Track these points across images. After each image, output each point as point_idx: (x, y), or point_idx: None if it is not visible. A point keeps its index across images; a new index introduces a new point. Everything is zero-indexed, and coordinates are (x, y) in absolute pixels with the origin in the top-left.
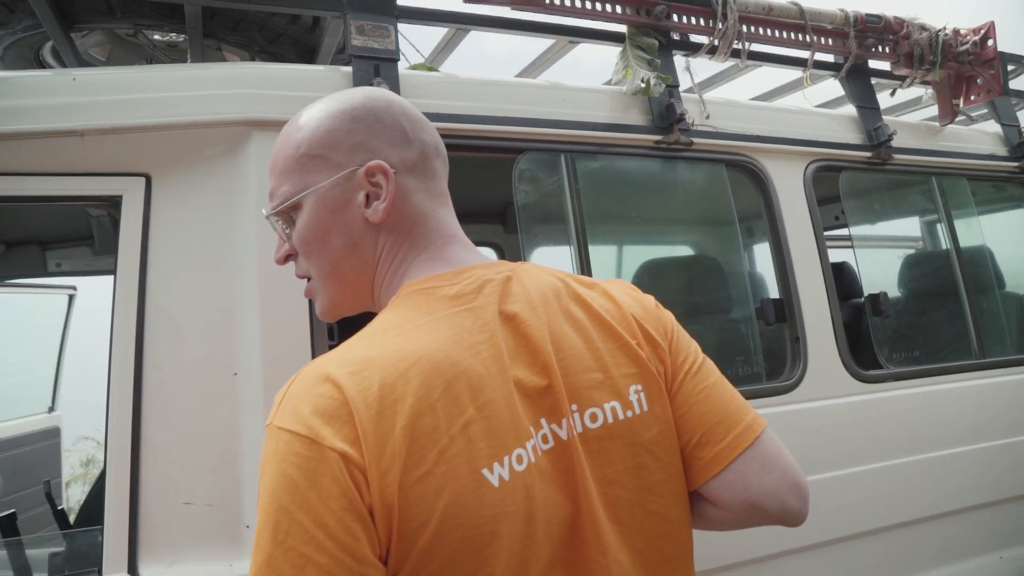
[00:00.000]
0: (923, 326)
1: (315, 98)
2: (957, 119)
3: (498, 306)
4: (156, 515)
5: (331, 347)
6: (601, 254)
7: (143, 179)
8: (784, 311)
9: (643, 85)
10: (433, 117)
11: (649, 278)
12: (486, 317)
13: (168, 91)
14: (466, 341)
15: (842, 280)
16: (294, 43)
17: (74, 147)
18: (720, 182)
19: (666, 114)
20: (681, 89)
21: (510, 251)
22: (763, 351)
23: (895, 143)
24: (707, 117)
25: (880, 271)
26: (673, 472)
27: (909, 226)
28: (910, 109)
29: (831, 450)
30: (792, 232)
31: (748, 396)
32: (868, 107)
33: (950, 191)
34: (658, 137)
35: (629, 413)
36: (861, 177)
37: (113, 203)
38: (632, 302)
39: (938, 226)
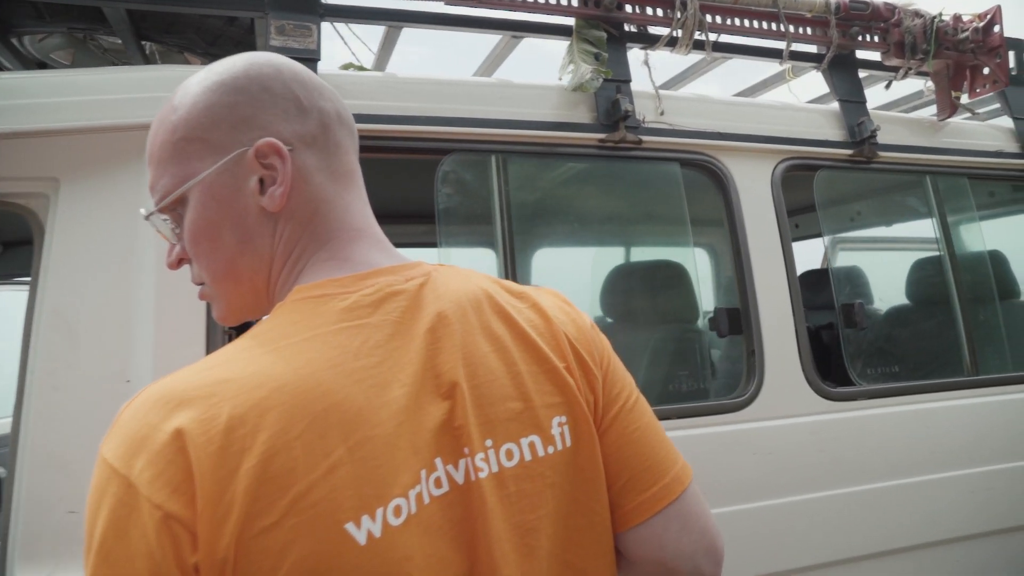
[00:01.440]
0: (907, 339)
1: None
2: (963, 114)
3: (401, 322)
4: (39, 524)
5: None
6: (531, 264)
7: (52, 182)
8: (741, 321)
9: (583, 80)
10: (355, 119)
11: (588, 287)
12: (379, 337)
13: (77, 95)
14: (348, 365)
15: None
16: (235, 44)
17: None
18: (673, 183)
19: (612, 111)
20: (639, 84)
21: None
22: (717, 365)
23: (882, 139)
24: (661, 113)
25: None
26: (598, 519)
27: (909, 229)
28: (913, 103)
29: (787, 474)
30: (754, 236)
31: (693, 413)
32: (852, 101)
33: (947, 192)
34: (602, 136)
35: (550, 449)
36: (840, 177)
37: (22, 208)
38: (566, 319)
39: (936, 229)
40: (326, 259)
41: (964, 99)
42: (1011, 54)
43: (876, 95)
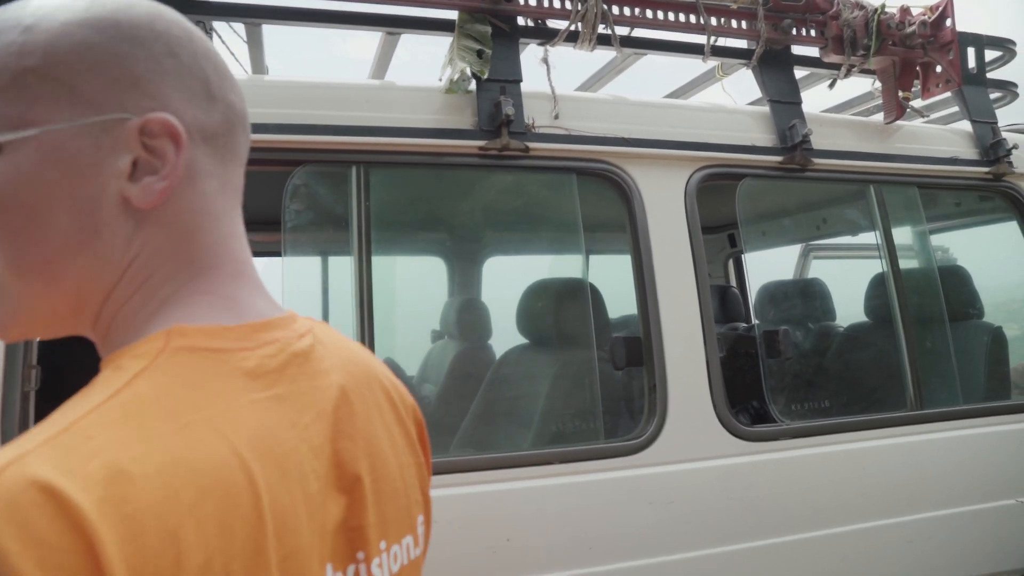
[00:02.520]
0: (842, 369)
1: None
2: (914, 117)
3: (305, 394)
4: None
5: (27, 394)
6: (392, 290)
7: None
8: (641, 352)
9: (451, 80)
10: None
11: (457, 315)
12: (292, 416)
13: None
14: (273, 453)
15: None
16: None
17: None
18: (567, 195)
19: (494, 115)
20: (538, 86)
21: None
22: (613, 402)
23: (819, 144)
24: (556, 117)
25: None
26: None
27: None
28: (868, 106)
29: (690, 525)
30: (662, 255)
31: (580, 457)
32: (784, 102)
33: (893, 203)
34: (483, 143)
35: (416, 552)
36: (768, 187)
37: None
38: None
39: (880, 244)
40: (205, 294)
41: (918, 101)
42: (971, 51)
43: (828, 98)
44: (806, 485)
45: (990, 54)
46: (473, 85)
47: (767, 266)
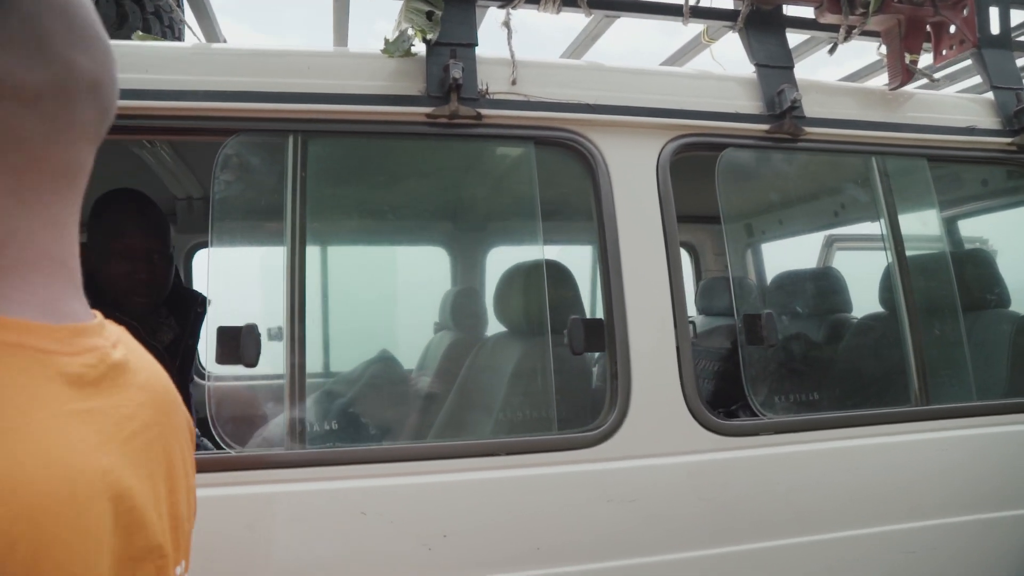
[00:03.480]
0: (836, 361)
1: None
2: (920, 81)
3: (119, 408)
4: None
5: None
6: (329, 271)
7: None
8: (603, 336)
9: (403, 43)
10: (129, 94)
11: (451, 306)
12: (110, 431)
13: None
14: (92, 468)
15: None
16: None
17: None
18: (523, 165)
19: (443, 79)
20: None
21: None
22: (566, 390)
23: (813, 112)
24: (513, 83)
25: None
26: None
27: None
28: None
29: (654, 527)
30: (629, 231)
31: (530, 448)
32: (773, 66)
33: (899, 177)
34: (430, 109)
35: None
36: (753, 159)
37: None
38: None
39: (882, 223)
40: (17, 289)
41: (928, 65)
42: (994, 11)
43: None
44: (788, 486)
45: (1018, 15)
46: (419, 49)
47: (789, 256)
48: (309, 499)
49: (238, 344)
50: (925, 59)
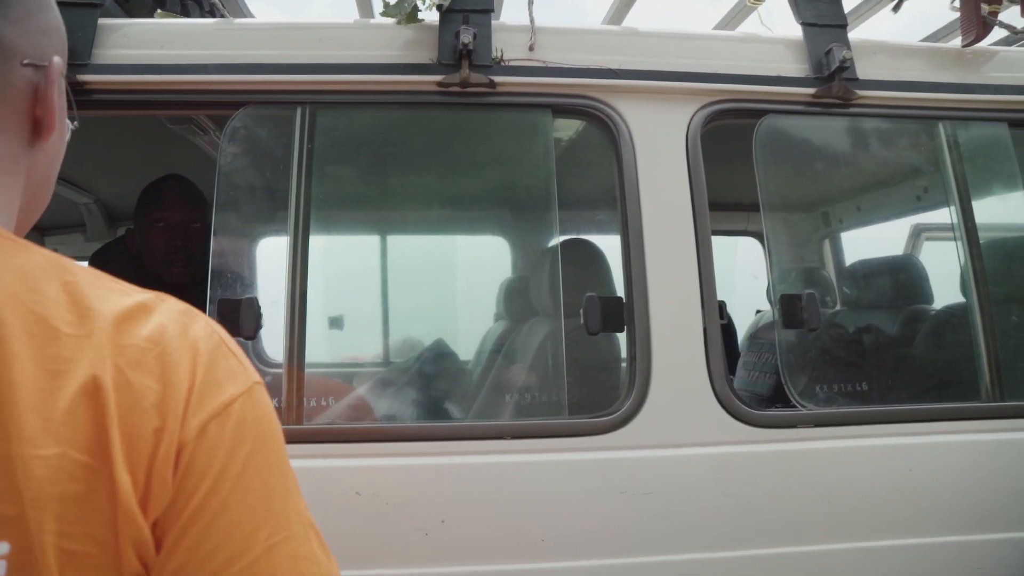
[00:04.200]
0: (891, 348)
1: None
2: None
3: None
4: None
5: None
6: (330, 241)
7: None
8: (623, 315)
9: (406, 6)
10: (138, 69)
11: (504, 296)
12: None
13: None
14: None
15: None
16: None
17: None
18: (539, 134)
19: (454, 46)
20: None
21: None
22: (581, 373)
23: (869, 74)
24: (531, 49)
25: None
26: None
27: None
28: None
29: (671, 523)
30: (653, 204)
31: (536, 433)
32: (821, 24)
33: (971, 145)
34: (440, 78)
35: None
36: (797, 127)
37: None
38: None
39: (952, 198)
40: None
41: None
42: None
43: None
44: (828, 485)
45: None
46: (429, 16)
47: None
48: (302, 475)
49: (237, 316)
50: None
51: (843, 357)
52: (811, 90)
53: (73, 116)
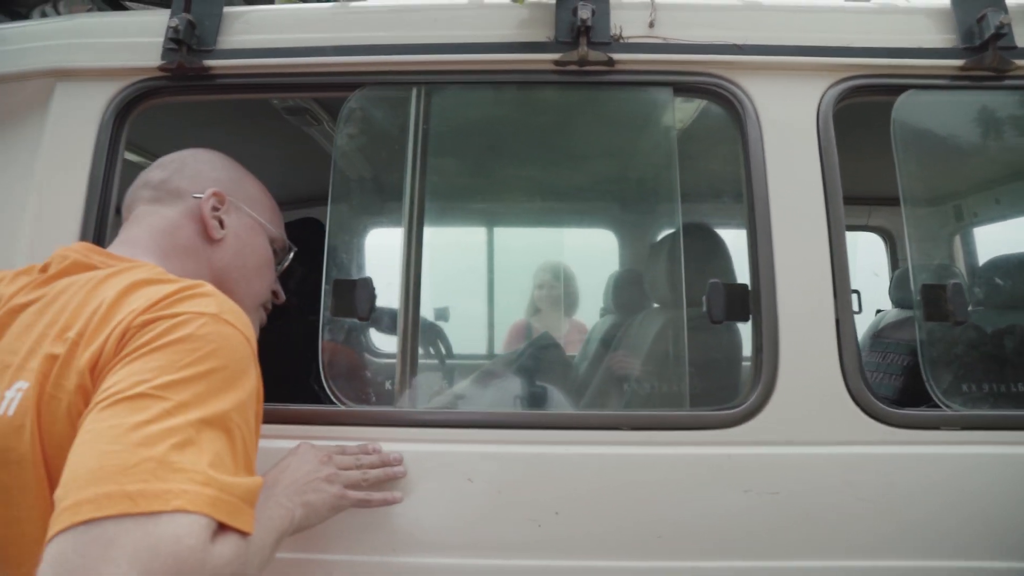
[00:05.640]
0: None
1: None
2: None
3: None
4: None
5: None
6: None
7: None
8: (748, 303)
9: None
10: (259, 53)
11: (613, 289)
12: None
13: None
14: None
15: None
16: None
17: None
18: (660, 114)
19: (571, 23)
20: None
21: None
22: (704, 363)
23: None
24: (651, 26)
25: None
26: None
27: None
28: None
29: (798, 527)
30: (782, 187)
31: (658, 426)
32: None
33: None
34: (557, 56)
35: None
36: (943, 103)
37: None
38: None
39: None
40: None
41: None
42: None
43: None
44: (977, 495)
45: None
46: None
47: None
48: (414, 459)
49: (352, 296)
50: None
51: (994, 355)
52: (959, 62)
53: (280, 260)
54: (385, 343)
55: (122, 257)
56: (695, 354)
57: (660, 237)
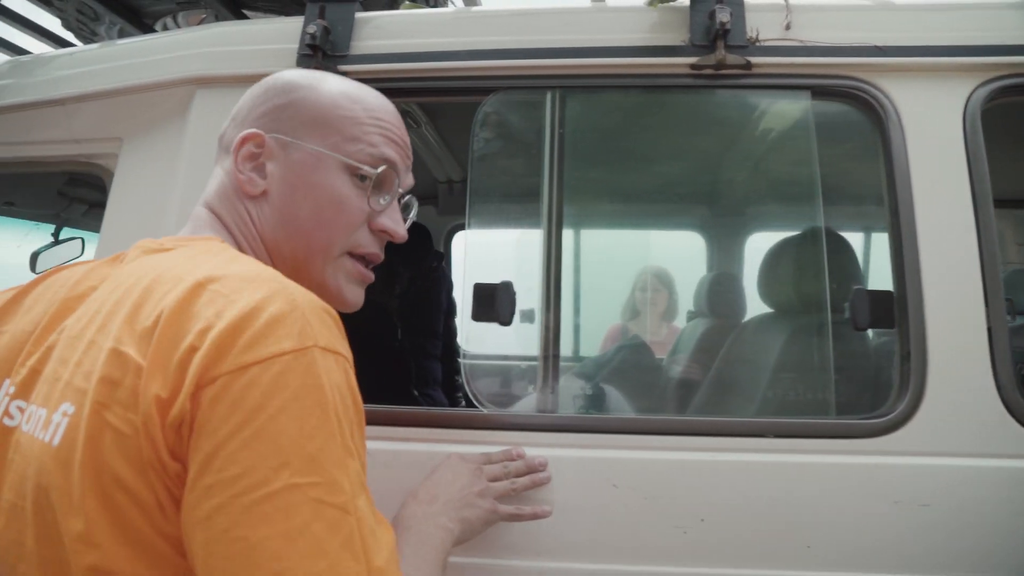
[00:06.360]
0: None
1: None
2: None
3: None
4: None
5: None
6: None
7: (116, 142)
8: (894, 311)
9: None
10: (391, 58)
11: (708, 291)
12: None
13: (131, 58)
14: None
15: None
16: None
17: (60, 116)
18: (799, 118)
19: (708, 27)
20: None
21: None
22: (847, 369)
23: None
24: (787, 28)
25: None
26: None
27: None
28: None
29: (955, 540)
30: (928, 192)
31: (805, 434)
32: None
33: None
34: (694, 60)
35: (43, 435)
36: None
37: (95, 166)
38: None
39: None
40: None
41: None
42: None
43: None
44: None
45: None
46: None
47: None
48: (559, 464)
49: (493, 301)
50: None
51: None
52: None
53: (383, 190)
54: (522, 346)
55: (190, 237)
56: (828, 361)
57: (783, 243)
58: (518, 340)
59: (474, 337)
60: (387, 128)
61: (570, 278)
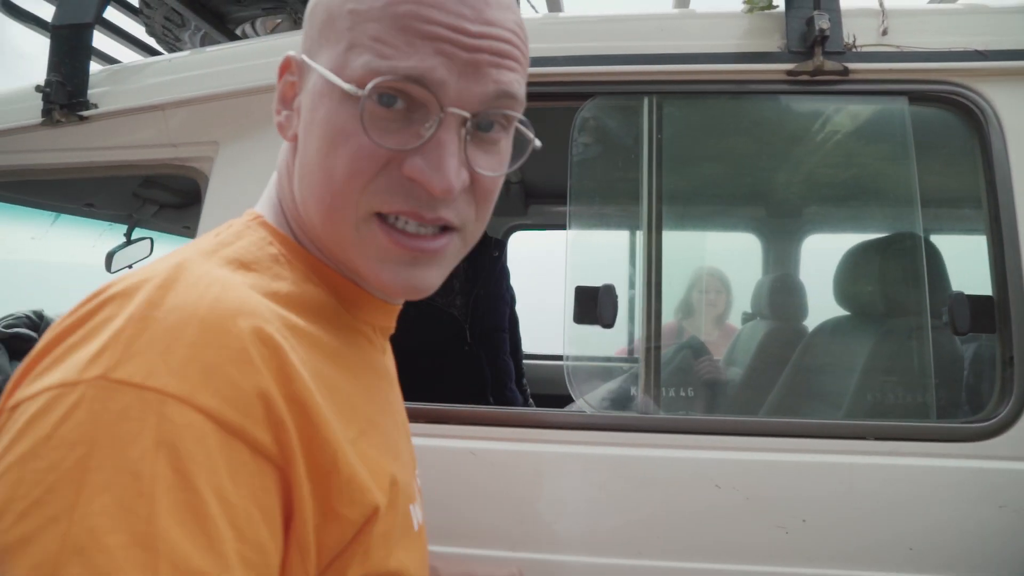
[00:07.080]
0: None
1: None
2: None
3: None
4: None
5: None
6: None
7: (213, 145)
8: (994, 316)
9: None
10: None
11: (769, 293)
12: None
13: (226, 64)
14: None
15: None
16: None
17: (158, 121)
18: (896, 124)
19: (806, 33)
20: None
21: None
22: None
23: None
24: (884, 33)
25: None
26: None
27: None
28: None
29: None
30: None
31: (904, 436)
32: None
33: None
34: (791, 66)
35: None
36: None
37: (191, 169)
38: None
39: None
40: None
41: None
42: None
43: None
44: None
45: None
46: (780, 3)
47: None
48: (662, 465)
49: (595, 304)
50: None
51: None
52: None
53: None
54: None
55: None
56: (928, 365)
57: (865, 245)
58: (615, 341)
59: (574, 339)
60: (418, 18)
61: (671, 280)
